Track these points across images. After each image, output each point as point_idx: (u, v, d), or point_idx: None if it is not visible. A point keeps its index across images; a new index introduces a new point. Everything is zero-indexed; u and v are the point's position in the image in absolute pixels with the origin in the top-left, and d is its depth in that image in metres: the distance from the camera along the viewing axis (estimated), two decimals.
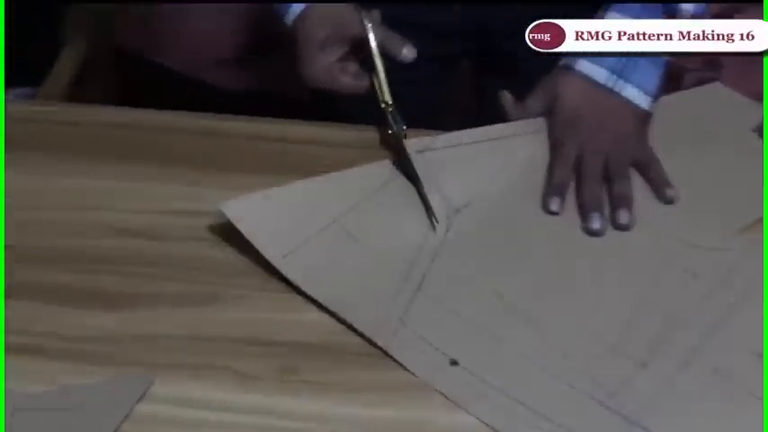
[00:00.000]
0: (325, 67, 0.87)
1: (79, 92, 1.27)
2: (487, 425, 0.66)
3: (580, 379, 0.69)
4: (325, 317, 0.73)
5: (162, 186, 0.84)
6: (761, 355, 0.71)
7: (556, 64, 0.87)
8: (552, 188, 0.82)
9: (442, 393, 0.68)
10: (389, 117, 0.85)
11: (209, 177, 0.84)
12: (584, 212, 0.81)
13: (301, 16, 0.88)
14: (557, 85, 0.86)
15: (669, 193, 0.83)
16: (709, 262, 0.78)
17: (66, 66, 1.30)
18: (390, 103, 0.86)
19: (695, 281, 0.77)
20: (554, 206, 0.81)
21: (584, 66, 0.85)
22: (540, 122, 0.86)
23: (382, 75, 0.87)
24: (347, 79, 0.88)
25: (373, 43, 0.86)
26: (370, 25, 0.86)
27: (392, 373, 0.69)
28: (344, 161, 0.84)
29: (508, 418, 0.66)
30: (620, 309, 0.74)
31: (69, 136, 0.89)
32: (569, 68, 0.86)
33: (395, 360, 0.69)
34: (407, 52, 0.87)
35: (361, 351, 0.70)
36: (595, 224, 0.79)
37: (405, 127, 0.84)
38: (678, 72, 1.04)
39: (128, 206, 0.82)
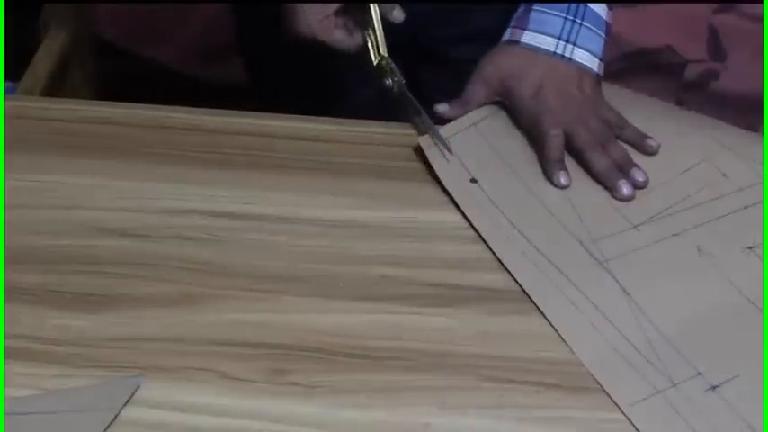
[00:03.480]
0: (320, 19, 0.89)
1: (59, 85, 1.28)
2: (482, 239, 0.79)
3: (575, 223, 0.81)
4: (317, 317, 0.74)
5: (146, 184, 0.84)
6: (749, 250, 0.79)
7: (489, 47, 0.91)
8: (553, 164, 0.85)
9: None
10: (386, 69, 0.89)
11: (194, 174, 0.85)
12: (607, 182, 0.84)
13: None
14: (506, 67, 0.88)
15: (651, 143, 0.87)
16: (746, 169, 0.86)
17: (45, 59, 1.31)
18: (386, 56, 0.90)
19: (724, 179, 0.85)
20: (564, 179, 0.84)
21: (529, 38, 0.88)
22: (490, 108, 0.91)
23: (379, 28, 0.90)
24: (342, 34, 0.90)
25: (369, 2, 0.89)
26: None
27: (386, 375, 0.70)
28: (333, 155, 0.86)
29: (508, 244, 0.79)
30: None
31: (50, 132, 0.90)
32: (515, 44, 0.89)
33: (390, 360, 0.70)
34: (397, 14, 0.91)
35: (353, 352, 0.71)
36: (624, 190, 0.83)
37: (403, 81, 0.89)
38: (679, 65, 1.05)
39: (110, 204, 0.82)
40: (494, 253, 0.79)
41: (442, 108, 0.90)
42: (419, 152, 0.88)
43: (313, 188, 0.85)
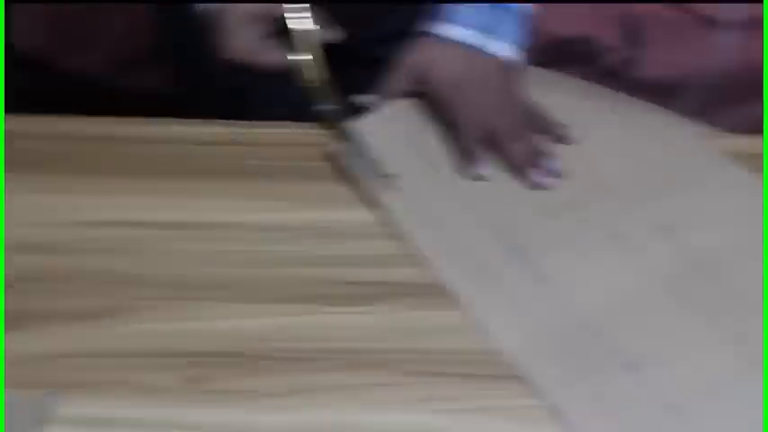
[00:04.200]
0: (249, 40, 0.89)
1: None
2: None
3: (491, 213, 0.82)
4: (236, 322, 0.73)
5: (61, 197, 0.84)
6: (664, 232, 0.80)
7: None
8: (470, 156, 0.86)
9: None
10: (326, 93, 0.88)
11: (110, 185, 0.85)
12: (520, 172, 0.85)
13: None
14: (425, 57, 0.89)
15: (568, 133, 0.88)
16: (660, 152, 0.88)
17: None
18: (326, 79, 0.89)
19: (638, 162, 0.87)
20: (478, 173, 0.85)
21: (448, 30, 0.89)
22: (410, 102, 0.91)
23: (311, 53, 0.89)
24: (272, 55, 0.90)
25: (302, 23, 0.88)
26: (292, 8, 0.88)
27: (306, 376, 0.69)
28: (247, 159, 0.87)
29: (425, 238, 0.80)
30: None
31: None
32: (432, 36, 0.89)
33: (310, 362, 0.71)
34: (332, 34, 0.90)
35: (273, 355, 0.71)
36: (538, 178, 0.84)
37: (332, 108, 0.88)
38: (596, 53, 1.06)
39: (24, 219, 0.81)
40: (410, 247, 0.79)
41: (363, 100, 0.90)
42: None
43: (229, 193, 0.84)
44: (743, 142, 0.90)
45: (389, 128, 0.89)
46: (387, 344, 0.72)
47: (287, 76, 0.90)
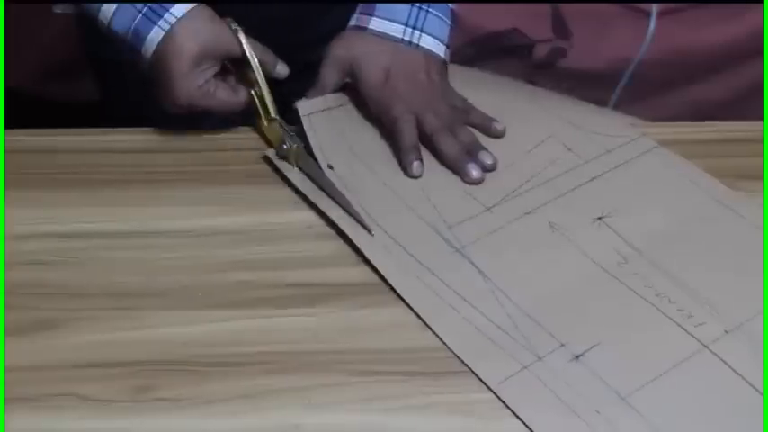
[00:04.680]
0: (201, 84, 0.86)
1: None
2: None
3: (429, 211, 0.83)
4: (179, 330, 0.73)
5: None
6: (599, 220, 0.82)
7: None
8: (408, 150, 0.86)
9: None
10: (279, 133, 0.86)
11: (42, 197, 0.84)
12: (456, 167, 0.86)
13: (166, 39, 0.84)
14: (354, 51, 0.90)
15: (497, 126, 0.90)
16: (590, 142, 0.90)
17: None
18: (277, 118, 0.87)
19: (570, 153, 0.88)
20: (417, 168, 0.85)
21: (377, 24, 0.90)
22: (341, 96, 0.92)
23: (264, 84, 0.87)
24: (225, 95, 0.87)
25: (254, 59, 0.87)
26: (246, 40, 0.86)
27: (253, 380, 0.70)
28: (182, 165, 0.88)
29: (366, 237, 0.80)
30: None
31: None
32: (362, 30, 0.90)
33: (256, 365, 0.71)
34: (281, 69, 0.89)
35: (218, 361, 0.71)
36: (474, 173, 0.85)
37: (303, 145, 0.86)
38: (527, 44, 1.08)
39: None
40: (351, 247, 0.80)
41: (302, 105, 0.90)
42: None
43: (163, 200, 0.85)
44: (670, 130, 0.92)
45: (326, 120, 0.89)
46: (331, 345, 0.72)
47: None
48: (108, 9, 0.86)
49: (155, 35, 0.85)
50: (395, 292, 0.76)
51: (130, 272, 0.78)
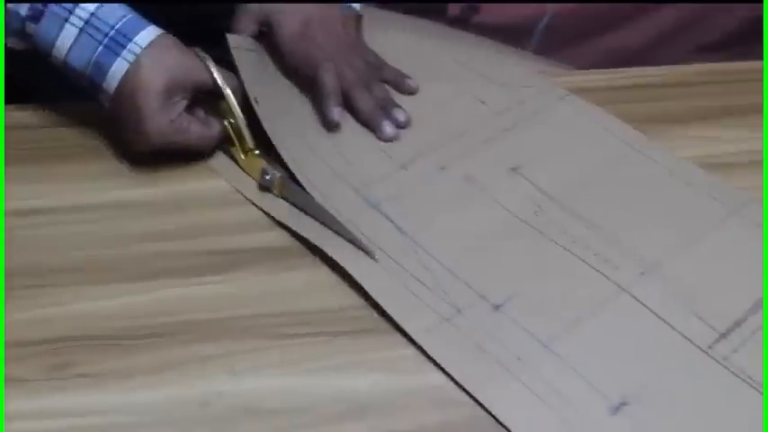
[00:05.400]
0: (173, 119, 0.80)
1: None
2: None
3: (345, 168, 0.83)
4: (98, 304, 0.73)
5: None
6: (513, 171, 0.83)
7: None
8: (330, 96, 0.85)
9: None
10: (259, 163, 0.82)
11: None
12: (371, 123, 0.86)
13: (131, 72, 0.79)
14: (269, 5, 0.88)
15: (410, 83, 0.90)
16: (501, 93, 0.90)
17: None
18: (256, 151, 0.83)
19: (482, 106, 0.89)
20: (337, 115, 0.85)
21: None
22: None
23: (242, 119, 0.83)
24: (198, 128, 0.82)
25: (227, 88, 0.82)
26: (216, 69, 0.82)
27: (174, 350, 0.70)
28: (90, 139, 0.86)
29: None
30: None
31: None
32: None
33: (177, 335, 0.70)
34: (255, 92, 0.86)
35: (139, 333, 0.71)
36: (388, 129, 0.85)
37: (287, 175, 0.81)
38: (441, 3, 1.09)
39: None
40: (265, 212, 0.80)
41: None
42: None
43: (75, 175, 0.83)
44: (581, 78, 0.93)
45: (254, 62, 0.88)
46: (251, 310, 0.72)
47: None
48: (63, 43, 0.80)
49: (118, 67, 0.79)
50: (312, 253, 0.76)
51: (45, 249, 0.77)
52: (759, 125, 0.87)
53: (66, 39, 0.80)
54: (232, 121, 0.83)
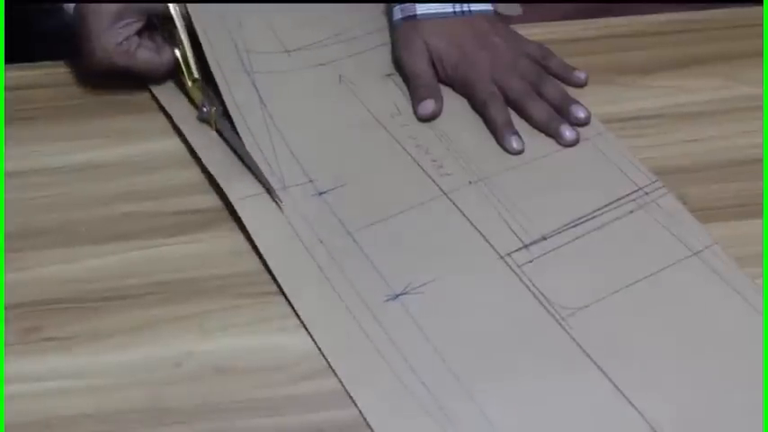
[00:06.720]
0: (119, 42, 0.81)
1: None
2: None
3: (234, 30, 0.88)
4: (65, 267, 0.72)
5: None
6: (388, 77, 0.87)
7: None
8: (503, 129, 0.81)
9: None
10: (201, 95, 0.83)
11: None
12: (549, 132, 0.82)
13: None
14: (416, 40, 0.86)
15: (578, 75, 0.87)
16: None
17: None
18: (198, 79, 0.84)
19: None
20: (518, 145, 0.80)
21: (425, 8, 0.87)
22: None
23: (189, 49, 0.84)
24: (147, 54, 0.83)
25: (178, 15, 0.83)
26: None
27: (143, 311, 0.69)
28: (52, 101, 0.86)
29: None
30: None
31: None
32: (412, 18, 0.87)
33: (145, 297, 0.70)
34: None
35: (107, 295, 0.71)
36: (567, 134, 0.81)
37: (221, 109, 0.82)
38: None
39: None
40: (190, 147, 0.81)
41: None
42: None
43: (36, 137, 0.83)
44: (546, 30, 0.93)
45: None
46: (221, 269, 0.72)
47: None
48: None
49: None
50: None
51: (9, 213, 0.76)
52: (728, 74, 0.87)
53: None
54: (181, 49, 0.84)
